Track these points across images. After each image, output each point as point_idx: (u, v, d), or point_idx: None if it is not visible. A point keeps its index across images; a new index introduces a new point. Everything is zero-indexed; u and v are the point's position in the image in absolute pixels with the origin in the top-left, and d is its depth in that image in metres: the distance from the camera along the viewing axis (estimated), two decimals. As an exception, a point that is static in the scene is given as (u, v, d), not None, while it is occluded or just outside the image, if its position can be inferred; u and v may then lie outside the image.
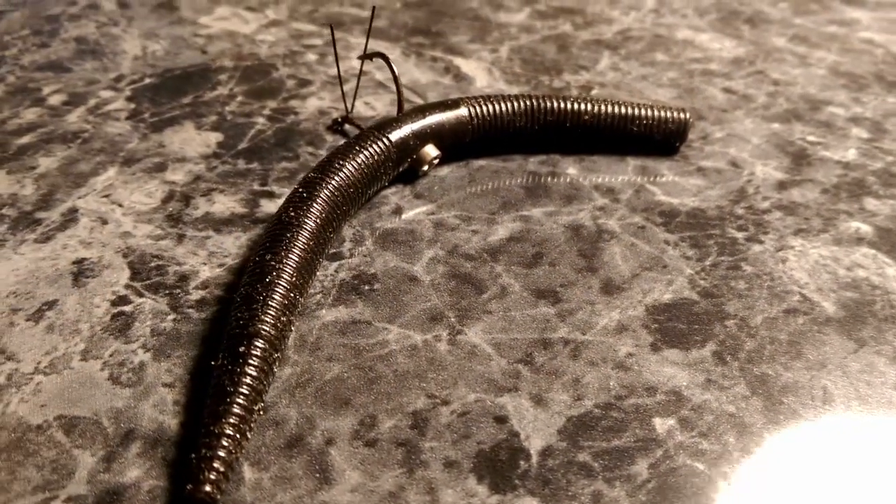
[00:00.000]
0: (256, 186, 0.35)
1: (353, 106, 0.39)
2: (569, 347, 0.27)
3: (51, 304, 0.28)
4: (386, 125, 0.34)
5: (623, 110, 0.37)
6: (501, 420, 0.24)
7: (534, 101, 0.37)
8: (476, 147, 0.37)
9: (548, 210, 0.34)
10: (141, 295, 0.29)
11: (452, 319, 0.28)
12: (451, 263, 0.31)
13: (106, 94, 0.42)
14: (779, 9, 0.54)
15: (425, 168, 0.35)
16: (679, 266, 0.31)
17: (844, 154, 0.38)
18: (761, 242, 0.32)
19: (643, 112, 0.37)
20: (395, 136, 0.34)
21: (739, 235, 0.33)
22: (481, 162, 0.37)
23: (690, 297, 0.29)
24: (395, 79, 0.35)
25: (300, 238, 0.28)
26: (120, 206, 0.34)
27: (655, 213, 0.34)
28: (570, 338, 0.27)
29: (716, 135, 0.40)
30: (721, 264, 0.31)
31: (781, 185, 0.36)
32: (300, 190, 0.30)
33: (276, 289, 0.26)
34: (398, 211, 0.34)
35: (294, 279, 0.27)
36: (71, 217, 0.33)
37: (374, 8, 0.37)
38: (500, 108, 0.36)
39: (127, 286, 0.29)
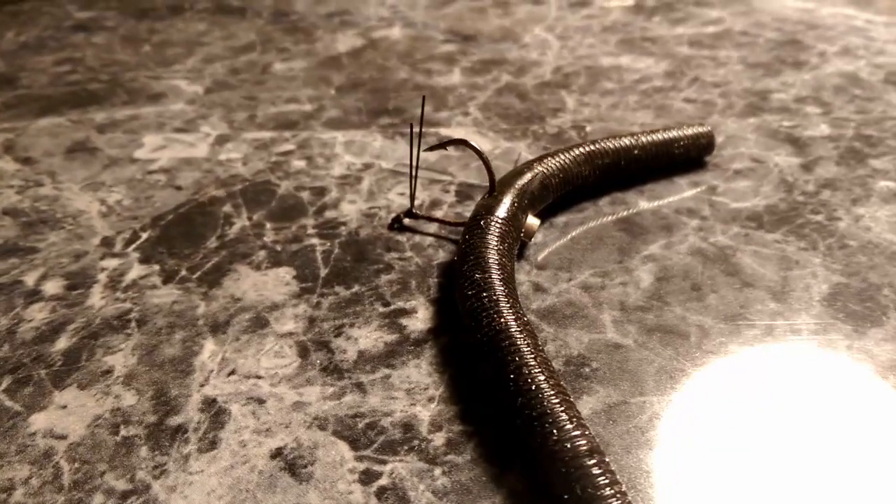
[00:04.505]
0: (381, 308, 0.32)
1: (413, 199, 0.37)
2: (802, 358, 0.29)
3: (296, 512, 0.24)
4: (492, 207, 0.33)
5: (662, 136, 0.40)
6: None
7: (588, 147, 0.38)
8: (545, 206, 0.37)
9: (660, 244, 0.35)
10: (383, 462, 0.25)
11: (691, 369, 0.28)
12: (635, 320, 0.31)
13: (109, 263, 0.36)
14: (656, 23, 0.61)
15: (532, 239, 0.35)
16: (806, 258, 0.34)
17: (821, 130, 0.44)
18: (840, 219, 0.37)
19: (678, 133, 0.40)
20: (508, 214, 0.33)
21: (820, 218, 0.37)
22: (561, 219, 0.38)
23: (840, 280, 0.33)
24: (483, 158, 0.34)
25: (528, 342, 0.27)
26: (258, 377, 0.29)
27: (744, 219, 0.37)
28: (798, 350, 0.29)
29: (718, 140, 0.44)
30: (833, 247, 0.35)
31: (806, 168, 0.41)
32: (483, 294, 0.28)
33: (557, 397, 0.25)
34: (539, 288, 0.33)
35: (555, 382, 0.25)
36: (215, 410, 0.27)
37: (423, 97, 0.35)
38: (565, 161, 0.37)
39: (358, 458, 0.25)
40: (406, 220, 0.38)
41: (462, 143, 0.35)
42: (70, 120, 0.49)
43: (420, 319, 0.31)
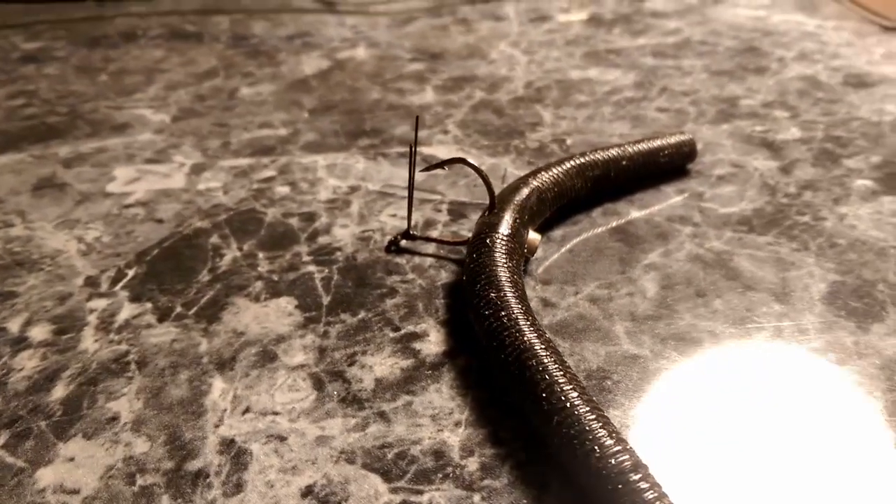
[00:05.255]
0: (391, 333, 0.32)
1: (410, 221, 0.37)
2: (814, 357, 0.29)
3: (338, 552, 0.23)
4: (496, 224, 0.33)
5: (647, 146, 0.40)
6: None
7: (579, 160, 0.38)
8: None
9: (658, 252, 0.36)
10: (419, 492, 0.25)
11: (710, 376, 0.29)
12: (647, 329, 0.31)
13: (97, 304, 0.34)
14: (617, 35, 0.63)
15: (535, 254, 0.35)
16: (800, 259, 0.35)
17: (792, 133, 0.46)
18: (825, 219, 0.38)
19: (662, 142, 0.41)
20: (512, 230, 0.33)
21: (807, 219, 0.38)
22: (558, 232, 0.38)
23: (836, 279, 0.34)
24: (483, 176, 0.34)
25: (554, 359, 0.26)
26: (275, 413, 0.28)
27: (735, 224, 0.38)
28: (808, 349, 0.30)
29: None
30: (823, 246, 0.36)
31: (784, 171, 0.42)
32: (501, 313, 0.28)
33: (592, 414, 0.24)
34: (547, 303, 0.33)
35: (588, 398, 0.25)
36: (235, 451, 0.26)
37: (417, 118, 0.35)
38: (558, 174, 0.37)
39: (393, 490, 0.25)
40: (403, 242, 0.37)
41: (460, 162, 0.34)
42: (32, 155, 0.47)
43: (433, 342, 0.31)
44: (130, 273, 0.36)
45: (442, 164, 0.35)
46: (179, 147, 0.48)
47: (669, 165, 0.41)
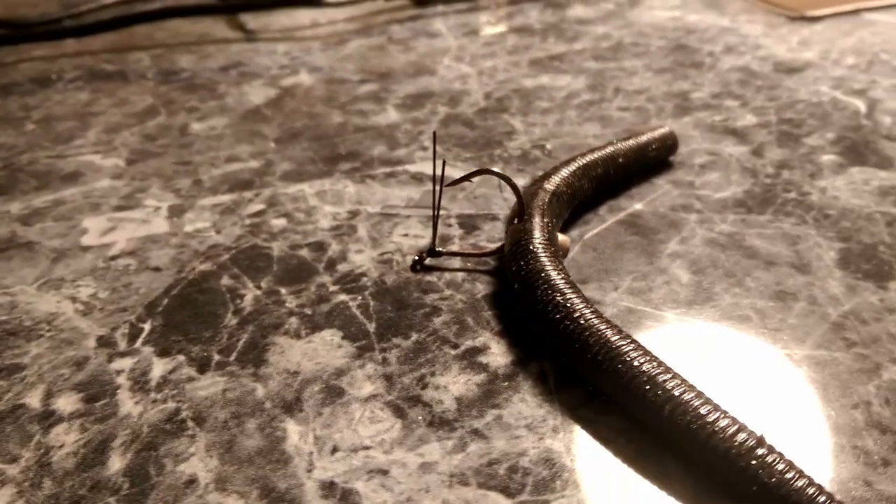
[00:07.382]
0: (451, 351, 0.31)
1: (435, 238, 0.36)
2: (851, 320, 0.32)
3: (490, 576, 0.22)
4: (531, 231, 0.33)
5: (637, 142, 0.42)
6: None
7: (581, 160, 0.39)
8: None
9: (676, 241, 0.37)
10: (546, 503, 0.24)
11: (772, 350, 0.30)
12: (695, 314, 0.32)
13: (123, 364, 0.31)
14: (551, 43, 0.65)
15: (567, 255, 0.35)
16: (804, 232, 0.37)
17: (749, 119, 0.49)
18: (810, 194, 0.41)
19: (649, 137, 0.42)
20: (548, 235, 0.33)
21: (794, 196, 0.40)
22: (574, 233, 0.39)
23: (841, 246, 0.36)
24: (512, 184, 0.34)
25: (641, 352, 0.27)
26: (366, 448, 0.27)
27: (733, 207, 0.40)
28: (842, 313, 0.32)
29: (669, 140, 0.47)
30: (818, 218, 0.38)
31: (757, 154, 0.45)
32: (575, 316, 0.29)
33: (699, 399, 0.25)
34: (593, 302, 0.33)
35: (689, 385, 0.26)
36: (339, 493, 0.25)
37: (434, 133, 0.35)
38: (567, 176, 0.38)
39: (521, 506, 0.24)
40: (428, 260, 0.37)
41: (487, 173, 0.34)
42: (-21, 216, 0.43)
43: (497, 354, 0.31)
44: (147, 327, 0.33)
45: (468, 176, 0.35)
46: (147, 190, 0.45)
47: (656, 159, 0.43)
